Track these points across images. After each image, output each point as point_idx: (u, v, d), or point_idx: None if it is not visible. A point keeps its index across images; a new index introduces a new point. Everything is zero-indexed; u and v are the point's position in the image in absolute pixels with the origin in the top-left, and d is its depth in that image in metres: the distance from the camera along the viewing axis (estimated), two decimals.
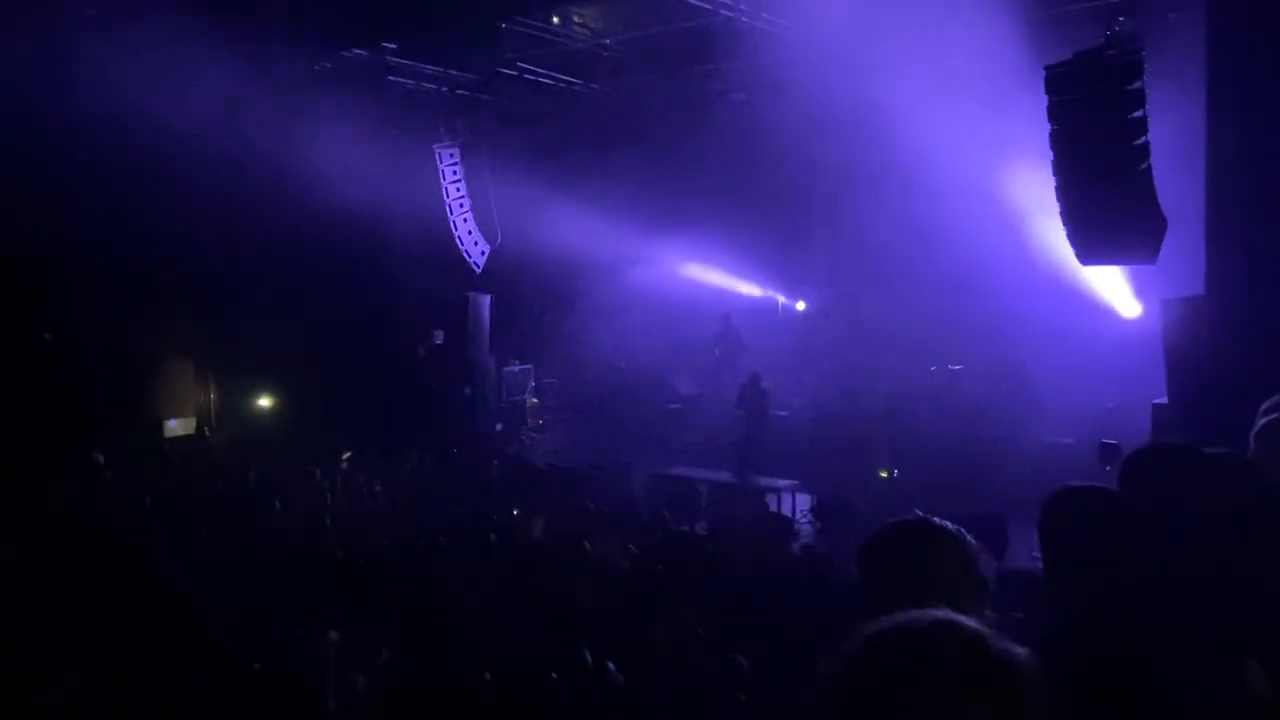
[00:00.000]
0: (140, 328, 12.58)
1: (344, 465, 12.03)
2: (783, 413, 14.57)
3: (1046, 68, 10.80)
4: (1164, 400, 7.89)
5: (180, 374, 13.55)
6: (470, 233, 15.95)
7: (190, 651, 5.44)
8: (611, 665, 5.21)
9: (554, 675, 5.24)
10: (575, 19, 13.64)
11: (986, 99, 11.83)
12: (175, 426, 13.38)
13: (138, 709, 4.92)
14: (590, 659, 5.30)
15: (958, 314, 15.45)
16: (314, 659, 5.36)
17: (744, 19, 12.60)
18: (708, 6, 12.16)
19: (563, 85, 16.11)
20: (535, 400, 16.88)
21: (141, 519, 8.81)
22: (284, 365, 13.52)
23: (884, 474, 12.98)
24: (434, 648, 5.74)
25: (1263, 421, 2.70)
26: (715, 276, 16.97)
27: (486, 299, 16.10)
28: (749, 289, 17.37)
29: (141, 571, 7.09)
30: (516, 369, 16.64)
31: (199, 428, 13.65)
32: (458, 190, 15.75)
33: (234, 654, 5.44)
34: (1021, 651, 1.12)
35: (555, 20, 13.61)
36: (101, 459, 10.76)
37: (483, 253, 16.14)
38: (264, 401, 13.87)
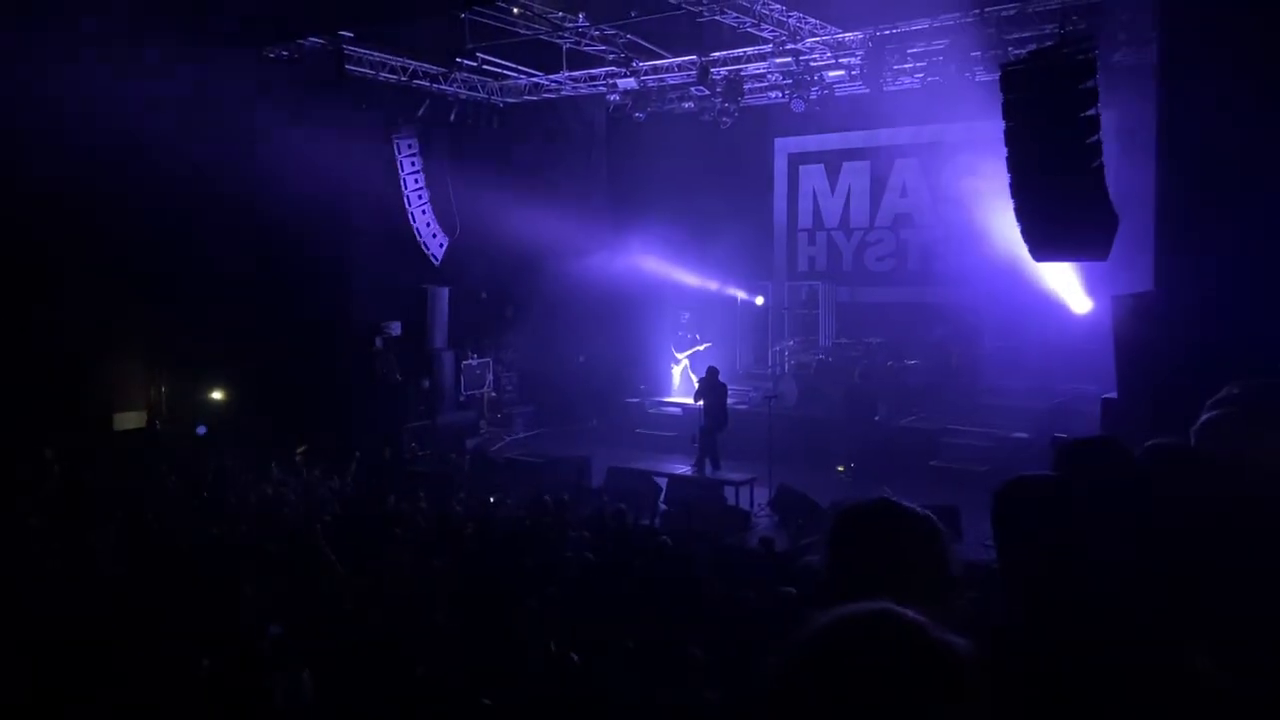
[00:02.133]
0: (88, 320, 12.29)
1: (299, 459, 11.88)
2: (741, 406, 14.65)
3: (1002, 66, 10.94)
4: (1114, 395, 8.04)
5: (130, 366, 13.27)
6: (429, 224, 15.82)
7: (140, 649, 5.34)
8: (575, 656, 5.20)
9: (512, 666, 5.22)
10: (535, 10, 13.55)
11: None
12: (125, 420, 13.11)
13: (87, 707, 4.82)
14: (552, 650, 5.29)
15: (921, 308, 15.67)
16: (262, 654, 5.30)
17: (705, 15, 12.62)
18: (671, 1, 12.16)
19: (523, 77, 16.04)
20: (494, 394, 16.80)
21: (92, 513, 8.62)
22: (237, 357, 13.29)
23: (841, 469, 13.11)
24: (383, 643, 5.69)
25: (1203, 418, 2.76)
26: (673, 270, 16.93)
27: (445, 291, 15.99)
28: (706, 284, 17.37)
29: (95, 566, 6.96)
30: (475, 362, 16.55)
31: (149, 421, 13.38)
32: (416, 181, 15.62)
33: (184, 651, 5.35)
34: (961, 641, 1.14)
35: (516, 11, 13.51)
36: (50, 454, 10.52)
37: (441, 245, 16.02)
38: (217, 394, 13.62)
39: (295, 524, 8.65)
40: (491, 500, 10.89)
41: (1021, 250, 10.79)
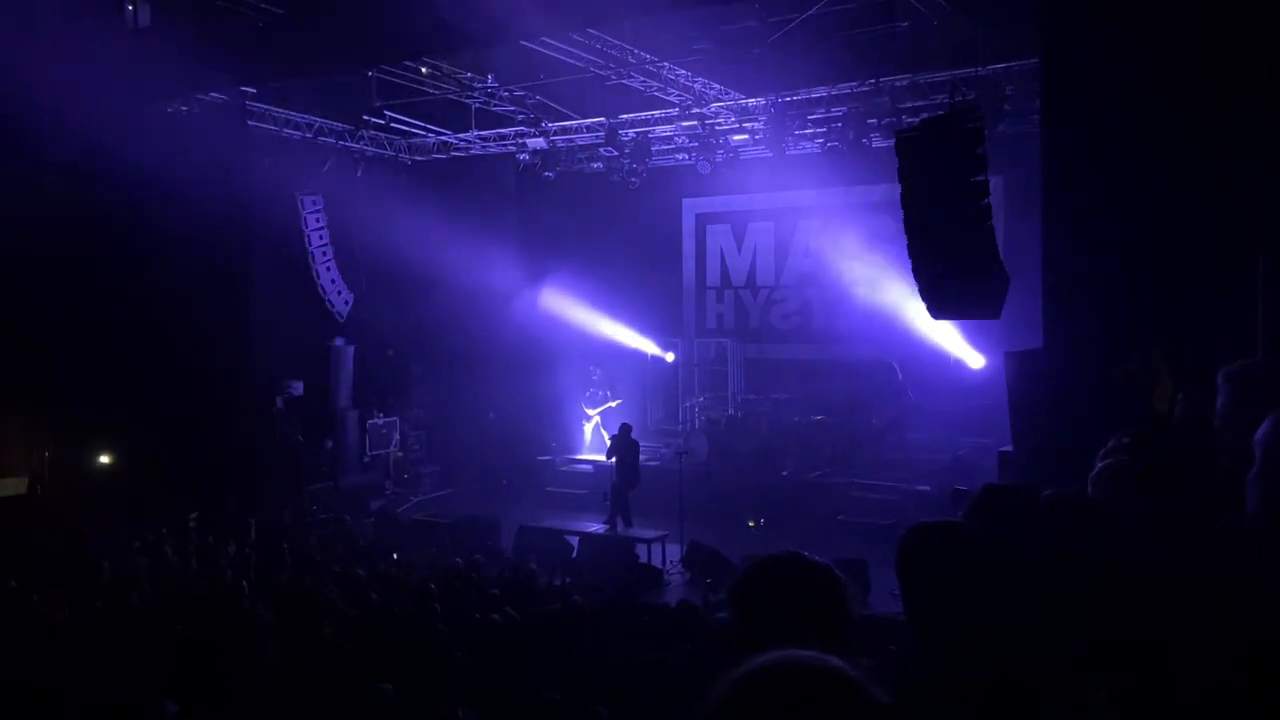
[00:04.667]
0: None
1: (191, 525, 11.38)
2: (653, 462, 14.67)
3: (897, 133, 11.43)
4: (1010, 448, 8.31)
5: (10, 431, 12.57)
6: (334, 281, 15.54)
7: None
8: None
9: None
10: (444, 70, 13.63)
11: None
12: (5, 486, 12.39)
13: None
14: (460, 715, 5.15)
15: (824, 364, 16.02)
16: None
17: (612, 78, 12.88)
18: (578, 64, 12.37)
19: (431, 135, 16.05)
20: (401, 453, 16.45)
21: None
22: (128, 418, 12.73)
23: (751, 524, 13.21)
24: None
25: (1099, 466, 2.88)
26: (584, 327, 16.97)
27: (350, 349, 15.69)
28: (619, 338, 17.43)
29: None
30: (381, 421, 16.20)
31: (32, 487, 12.66)
32: (321, 238, 15.37)
33: None
34: (872, 686, 1.17)
35: (424, 71, 13.57)
36: None
37: (346, 301, 15.74)
38: (105, 458, 13.00)
39: (187, 593, 8.27)
40: (395, 558, 10.61)
41: (920, 308, 11.17)
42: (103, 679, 5.71)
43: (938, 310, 11.09)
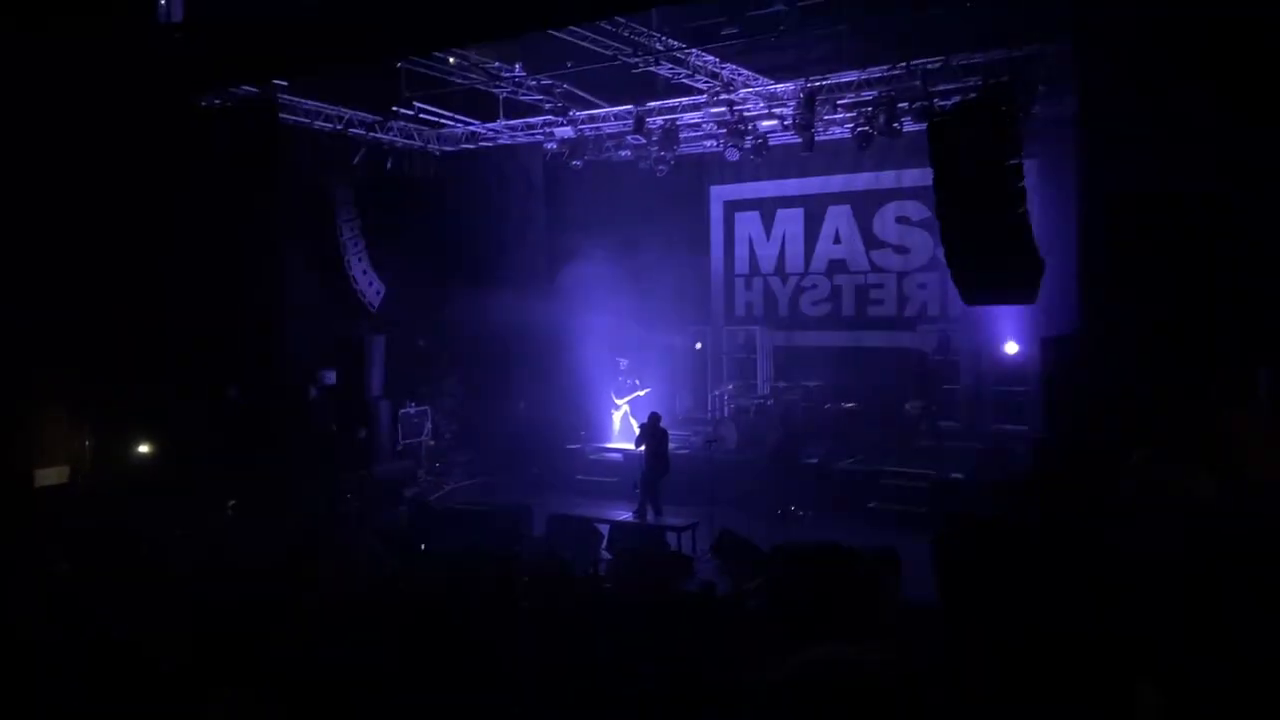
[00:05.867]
0: (7, 368, 11.86)
1: (229, 513, 11.54)
2: (682, 450, 14.67)
3: (930, 117, 11.31)
4: (1044, 434, 8.24)
5: (51, 421, 12.80)
6: (365, 272, 15.68)
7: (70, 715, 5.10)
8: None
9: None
10: (472, 60, 13.65)
11: None
12: (46, 476, 12.61)
13: None
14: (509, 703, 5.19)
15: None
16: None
17: (640, 65, 12.84)
18: (605, 52, 12.34)
19: (459, 125, 16.09)
20: (432, 442, 16.57)
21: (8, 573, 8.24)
22: (165, 408, 12.92)
23: (780, 511, 13.17)
24: (323, 706, 5.51)
25: (1131, 459, 2.84)
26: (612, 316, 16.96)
27: (381, 339, 15.81)
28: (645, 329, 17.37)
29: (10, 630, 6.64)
30: (413, 410, 16.32)
31: (73, 476, 12.89)
32: (351, 229, 15.49)
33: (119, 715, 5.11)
34: (918, 681, 1.16)
35: (452, 61, 13.60)
36: None
37: (378, 292, 15.86)
38: (144, 447, 13.20)
39: (233, 578, 8.38)
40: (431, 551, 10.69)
41: (952, 293, 11.08)
42: (164, 663, 5.79)
43: (971, 295, 11.01)
